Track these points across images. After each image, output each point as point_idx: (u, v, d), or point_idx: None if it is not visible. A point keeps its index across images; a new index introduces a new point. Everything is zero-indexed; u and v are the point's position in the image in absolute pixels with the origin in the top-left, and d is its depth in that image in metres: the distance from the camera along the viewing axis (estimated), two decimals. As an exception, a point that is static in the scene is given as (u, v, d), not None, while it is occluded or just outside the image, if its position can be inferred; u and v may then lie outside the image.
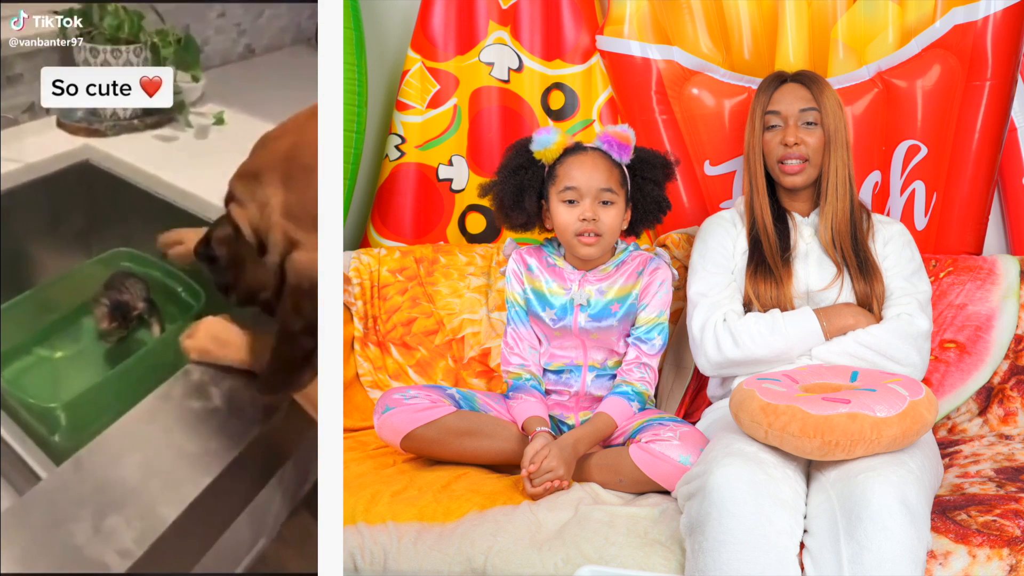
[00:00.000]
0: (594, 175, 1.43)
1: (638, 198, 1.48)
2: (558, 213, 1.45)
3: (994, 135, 1.70)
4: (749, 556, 1.07)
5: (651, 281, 1.48)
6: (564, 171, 1.44)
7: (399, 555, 1.22)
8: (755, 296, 1.43)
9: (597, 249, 1.45)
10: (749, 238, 1.49)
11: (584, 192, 1.42)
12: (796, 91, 1.48)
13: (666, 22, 1.77)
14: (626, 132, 1.47)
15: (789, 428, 1.14)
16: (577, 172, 1.43)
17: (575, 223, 1.43)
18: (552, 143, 1.46)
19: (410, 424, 1.40)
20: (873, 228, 1.49)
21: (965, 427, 1.54)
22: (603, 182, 1.43)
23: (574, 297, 1.47)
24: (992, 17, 1.66)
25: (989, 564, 1.10)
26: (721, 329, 1.41)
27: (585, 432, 1.40)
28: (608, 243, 1.46)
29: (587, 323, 1.47)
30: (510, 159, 1.50)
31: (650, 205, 1.49)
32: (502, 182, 1.49)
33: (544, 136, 1.47)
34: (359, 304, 1.74)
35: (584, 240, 1.43)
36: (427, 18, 1.84)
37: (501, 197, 1.49)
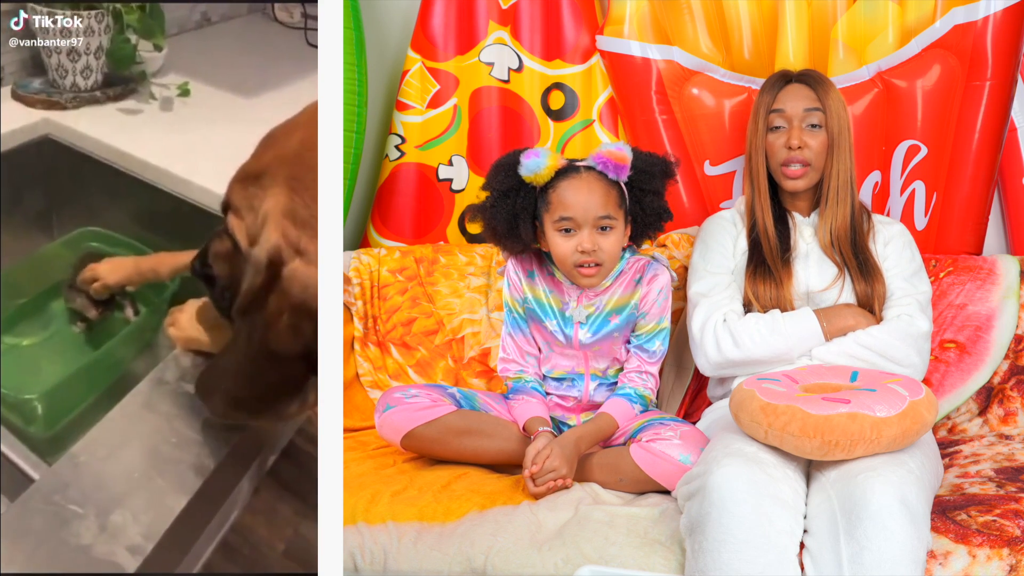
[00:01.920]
0: (591, 201, 1.34)
1: (637, 212, 1.41)
2: (555, 242, 1.38)
3: (994, 135, 1.70)
4: (749, 556, 1.07)
5: (650, 290, 1.44)
6: (558, 198, 1.36)
7: (399, 555, 1.22)
8: (755, 296, 1.43)
9: (598, 278, 1.40)
10: (749, 238, 1.49)
11: (581, 222, 1.35)
12: (801, 91, 1.48)
13: (666, 22, 1.77)
14: (622, 151, 1.37)
15: (789, 428, 1.14)
16: (572, 200, 1.35)
17: (573, 254, 1.36)
18: (543, 168, 1.36)
19: (411, 423, 1.40)
20: (874, 229, 1.49)
21: (965, 427, 1.54)
22: (600, 208, 1.35)
23: (573, 315, 1.44)
24: (992, 17, 1.66)
25: (989, 564, 1.10)
26: (721, 329, 1.41)
27: (587, 431, 1.39)
28: (609, 270, 1.41)
29: (588, 339, 1.45)
30: (499, 180, 1.40)
31: (650, 218, 1.42)
32: (492, 207, 1.41)
33: (533, 161, 1.36)
34: (359, 304, 1.74)
35: (584, 272, 1.38)
36: (427, 18, 1.84)
37: (493, 225, 1.42)
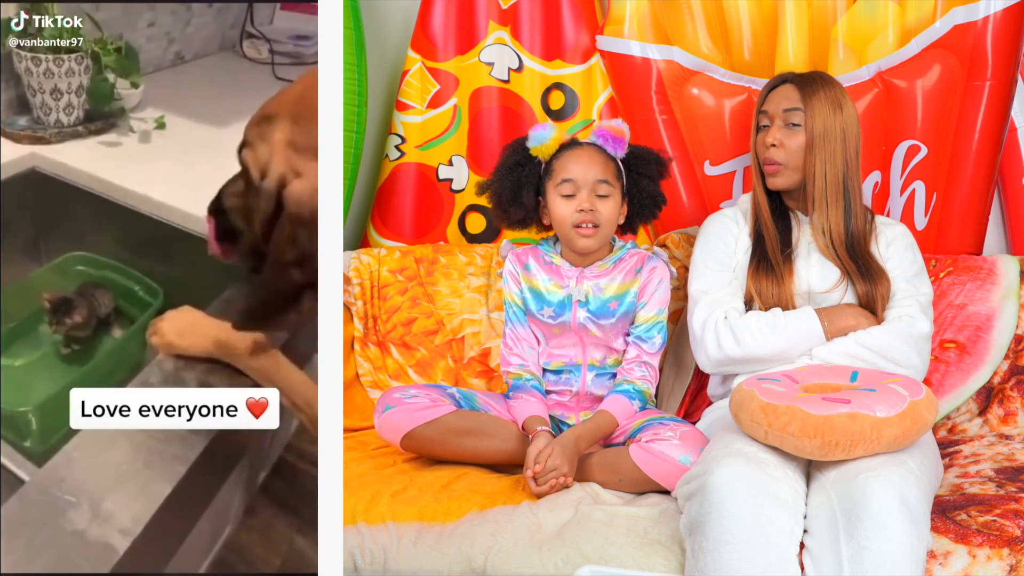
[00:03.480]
0: (590, 167, 1.45)
1: (633, 192, 1.50)
2: (556, 206, 1.46)
3: (994, 135, 1.70)
4: (749, 556, 1.07)
5: (649, 279, 1.48)
6: (560, 165, 1.47)
7: (399, 555, 1.22)
8: (756, 293, 1.43)
9: (595, 241, 1.46)
10: (752, 235, 1.49)
11: (581, 184, 1.44)
12: (786, 92, 1.48)
13: (666, 22, 1.77)
14: (620, 126, 1.49)
15: (789, 428, 1.14)
16: (573, 165, 1.45)
17: (573, 215, 1.44)
18: (548, 139, 1.49)
19: (410, 423, 1.40)
20: (876, 230, 1.48)
21: (965, 427, 1.54)
22: (599, 174, 1.45)
23: (572, 293, 1.48)
24: (992, 17, 1.66)
25: (989, 564, 1.10)
26: (722, 326, 1.41)
27: (586, 429, 1.40)
28: (606, 235, 1.48)
29: (586, 320, 1.47)
30: (507, 157, 1.52)
31: (646, 200, 1.50)
32: (499, 179, 1.51)
33: (540, 132, 1.49)
34: (359, 304, 1.74)
35: (582, 231, 1.45)
36: (427, 18, 1.84)
37: (499, 194, 1.51)
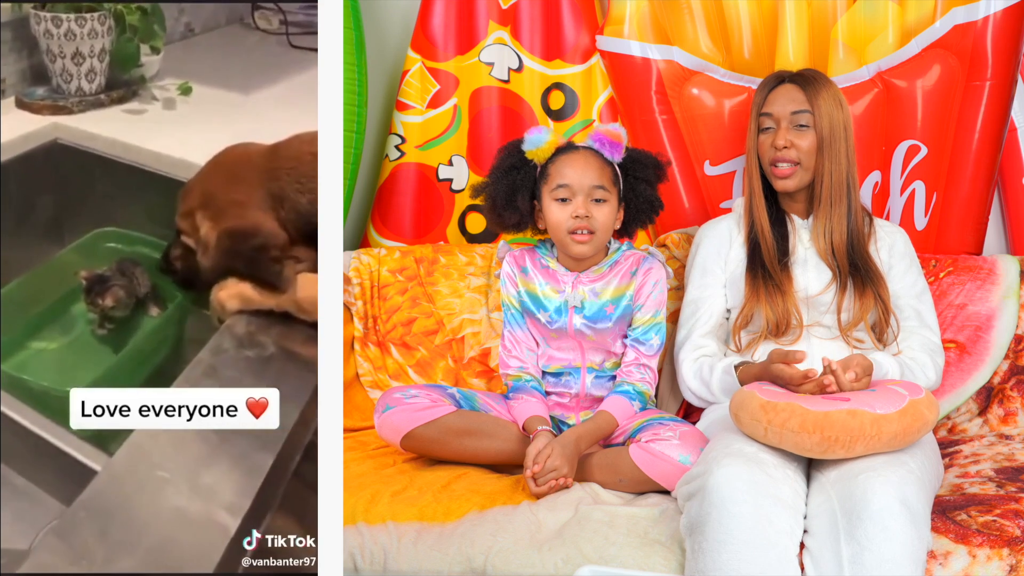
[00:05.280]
0: (586, 173, 1.43)
1: (630, 197, 1.48)
2: (551, 211, 1.45)
3: (994, 135, 1.70)
4: (749, 556, 1.07)
5: (645, 281, 1.47)
6: (556, 170, 1.45)
7: (399, 555, 1.22)
8: (755, 301, 1.43)
9: (590, 247, 1.45)
10: (748, 242, 1.48)
11: (576, 190, 1.42)
12: (790, 92, 1.46)
13: (666, 22, 1.77)
14: (617, 131, 1.47)
15: (788, 424, 1.14)
16: (569, 170, 1.44)
17: (568, 220, 1.43)
18: (544, 142, 1.46)
19: (410, 423, 1.40)
20: (875, 233, 1.48)
21: (965, 427, 1.54)
22: (595, 179, 1.43)
23: (568, 299, 1.47)
24: (992, 17, 1.66)
25: (989, 564, 1.10)
26: (693, 376, 1.44)
27: (586, 429, 1.40)
28: (601, 241, 1.46)
29: (583, 325, 1.46)
30: (502, 160, 1.50)
31: (642, 204, 1.49)
32: (494, 182, 1.49)
33: (536, 136, 1.47)
34: (359, 304, 1.74)
35: (577, 238, 1.43)
36: (427, 18, 1.84)
37: (493, 197, 1.49)
